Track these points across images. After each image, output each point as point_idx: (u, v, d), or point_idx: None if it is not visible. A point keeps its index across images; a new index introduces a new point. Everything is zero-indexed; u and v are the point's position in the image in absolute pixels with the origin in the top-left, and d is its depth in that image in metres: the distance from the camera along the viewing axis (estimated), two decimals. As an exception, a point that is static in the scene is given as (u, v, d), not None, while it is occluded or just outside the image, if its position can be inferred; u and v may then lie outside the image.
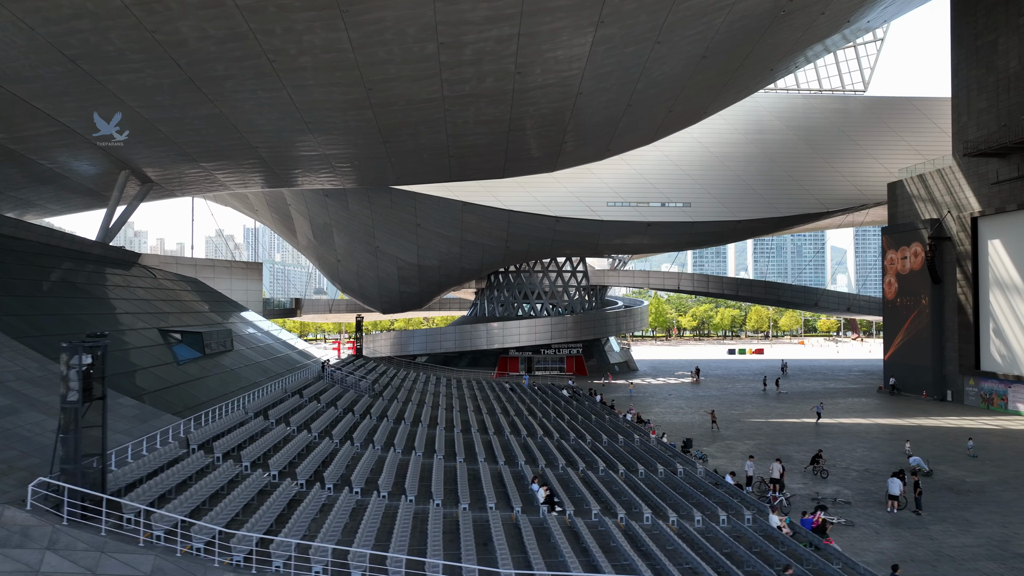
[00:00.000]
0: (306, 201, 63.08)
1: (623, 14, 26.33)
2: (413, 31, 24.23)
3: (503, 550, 16.54)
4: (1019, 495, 25.42)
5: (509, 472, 24.92)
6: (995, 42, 45.94)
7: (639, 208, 59.85)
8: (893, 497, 23.53)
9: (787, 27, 34.91)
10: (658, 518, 20.95)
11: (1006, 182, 44.62)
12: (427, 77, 28.53)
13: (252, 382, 33.15)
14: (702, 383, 63.33)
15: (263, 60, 25.31)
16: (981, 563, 18.66)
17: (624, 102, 37.14)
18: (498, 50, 26.80)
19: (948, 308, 49.86)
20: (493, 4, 23.12)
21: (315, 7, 21.93)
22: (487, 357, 71.22)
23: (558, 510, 21.14)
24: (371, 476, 22.21)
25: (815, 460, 29.28)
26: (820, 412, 42.06)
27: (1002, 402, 45.20)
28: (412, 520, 18.40)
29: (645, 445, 31.91)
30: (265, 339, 45.73)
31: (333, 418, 29.87)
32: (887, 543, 20.32)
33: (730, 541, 18.65)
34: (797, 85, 65.16)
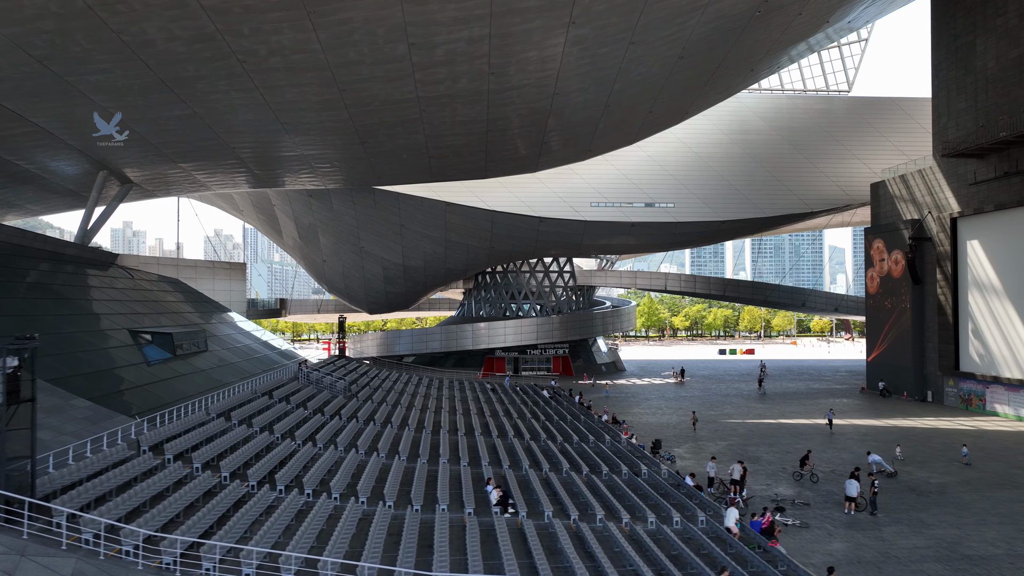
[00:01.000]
0: (290, 201, 63.10)
1: (594, 15, 26.31)
2: (382, 32, 24.21)
3: (443, 552, 16.56)
4: (980, 496, 25.42)
5: (470, 473, 24.94)
6: (973, 43, 45.92)
7: (623, 208, 59.85)
8: (851, 499, 23.54)
9: (765, 28, 34.90)
10: (611, 520, 20.99)
11: (984, 183, 44.61)
12: (400, 78, 28.50)
13: (222, 383, 33.14)
14: (686, 384, 63.32)
15: (233, 61, 25.29)
16: (927, 564, 18.67)
17: (602, 103, 37.14)
18: (470, 51, 26.79)
19: (929, 309, 49.87)
20: (462, 5, 23.12)
21: (281, 8, 21.91)
22: (473, 357, 71.24)
23: (511, 512, 21.16)
24: (326, 478, 22.24)
25: (803, 462, 29.01)
26: (832, 419, 39.74)
27: (980, 403, 45.20)
28: (357, 522, 18.43)
29: (615, 447, 31.92)
30: (244, 339, 45.72)
31: (300, 419, 29.89)
32: (838, 544, 20.33)
33: (678, 543, 18.65)
34: (781, 85, 65.14)
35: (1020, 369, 41.97)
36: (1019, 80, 42.28)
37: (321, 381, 40.68)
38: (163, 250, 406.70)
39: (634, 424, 41.29)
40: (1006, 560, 18.94)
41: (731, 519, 20.18)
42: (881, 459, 28.86)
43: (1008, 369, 42.89)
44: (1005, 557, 19.18)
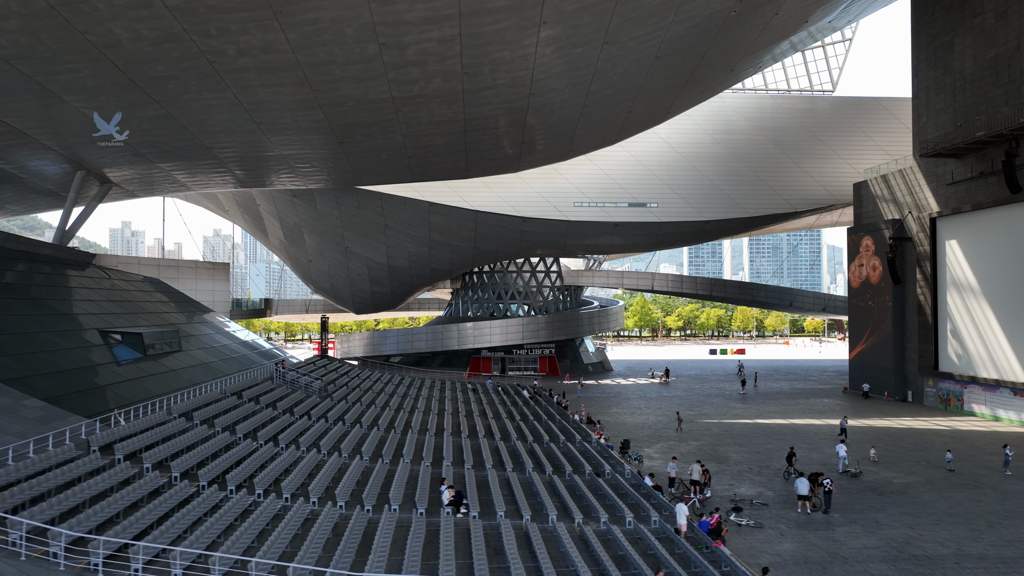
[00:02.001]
0: (275, 201, 63.10)
1: (565, 15, 26.29)
2: (352, 32, 24.21)
3: (382, 553, 16.55)
4: (940, 496, 25.42)
5: (430, 474, 24.93)
6: (952, 43, 45.89)
7: (606, 208, 59.84)
8: (803, 497, 23.57)
9: (742, 28, 34.88)
10: (564, 520, 20.98)
11: (961, 182, 44.60)
12: (373, 78, 28.49)
13: (193, 383, 33.13)
14: (671, 384, 63.30)
15: (203, 61, 25.31)
16: (873, 564, 18.66)
17: (580, 103, 37.12)
18: (442, 51, 26.77)
19: (909, 309, 49.85)
20: (430, 5, 23.11)
21: (247, 8, 21.89)
22: (460, 358, 71.26)
23: (463, 512, 21.16)
24: (280, 478, 22.25)
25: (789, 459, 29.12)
26: (845, 427, 36.55)
27: (958, 403, 45.18)
28: (303, 522, 18.43)
29: (584, 447, 31.90)
30: (223, 340, 45.72)
31: (266, 420, 29.87)
32: (788, 545, 20.32)
33: (624, 544, 18.63)
34: (765, 85, 65.10)
35: (996, 369, 41.95)
36: (995, 80, 42.25)
37: (297, 381, 40.67)
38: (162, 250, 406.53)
39: (611, 424, 41.33)
40: (952, 560, 18.93)
41: (681, 516, 20.22)
42: (846, 453, 28.97)
43: (985, 369, 42.87)
44: (952, 557, 19.18)
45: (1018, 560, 19.00)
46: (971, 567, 18.48)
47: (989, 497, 25.30)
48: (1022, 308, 40.21)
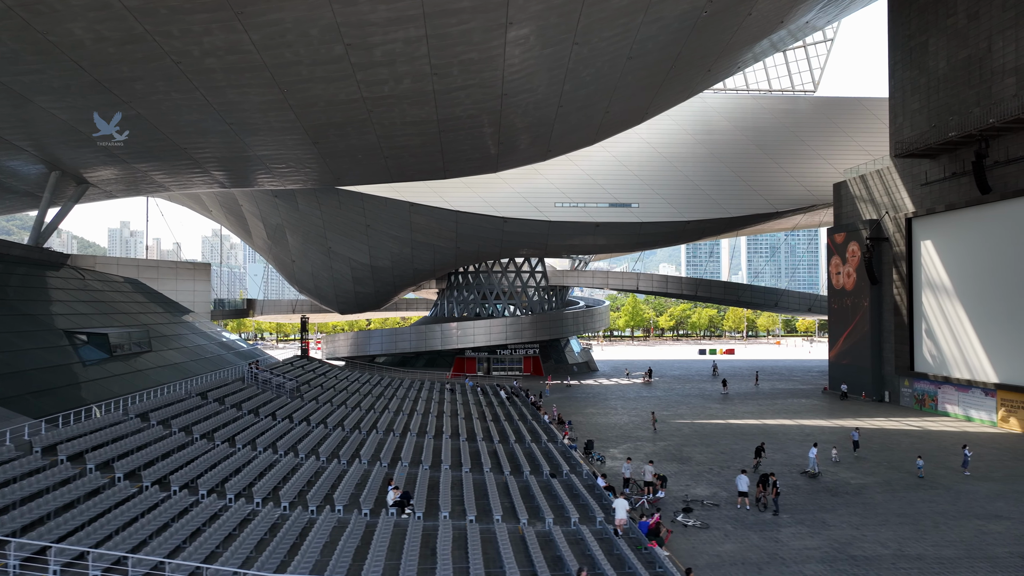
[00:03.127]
0: (257, 202, 63.17)
1: (531, 15, 26.33)
2: (316, 33, 24.25)
3: (311, 554, 16.59)
4: (893, 497, 25.43)
5: (383, 474, 24.97)
6: (926, 43, 45.90)
7: (587, 209, 59.88)
8: (743, 494, 23.69)
9: (715, 28, 34.89)
10: (509, 521, 21.03)
11: (935, 183, 44.61)
12: (342, 78, 28.54)
13: (159, 383, 33.17)
14: (653, 384, 63.32)
15: (168, 62, 25.36)
16: (809, 565, 18.68)
17: (555, 103, 37.16)
18: (409, 51, 26.81)
19: (886, 309, 49.87)
20: (393, 6, 23.15)
21: (207, 9, 21.93)
22: (444, 358, 71.34)
23: (407, 512, 21.20)
24: (229, 478, 22.27)
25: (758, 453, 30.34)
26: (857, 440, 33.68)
27: (932, 403, 45.20)
28: (239, 523, 18.46)
29: (548, 448, 31.93)
30: (198, 340, 45.76)
31: (227, 421, 29.92)
32: (729, 546, 20.34)
33: (561, 545, 18.66)
34: (746, 85, 65.12)
35: (969, 369, 41.96)
36: (967, 80, 42.26)
37: (269, 382, 40.71)
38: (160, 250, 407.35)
39: (584, 424, 41.38)
40: (889, 561, 18.95)
41: (621, 511, 20.32)
42: (815, 456, 29.07)
43: (958, 369, 42.89)
44: (890, 558, 19.19)
45: (955, 560, 19.02)
46: (907, 567, 18.50)
47: (943, 498, 25.32)
48: (993, 309, 40.22)
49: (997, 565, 18.65)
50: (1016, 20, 38.48)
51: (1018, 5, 38.32)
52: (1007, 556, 19.30)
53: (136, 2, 20.79)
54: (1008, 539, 20.71)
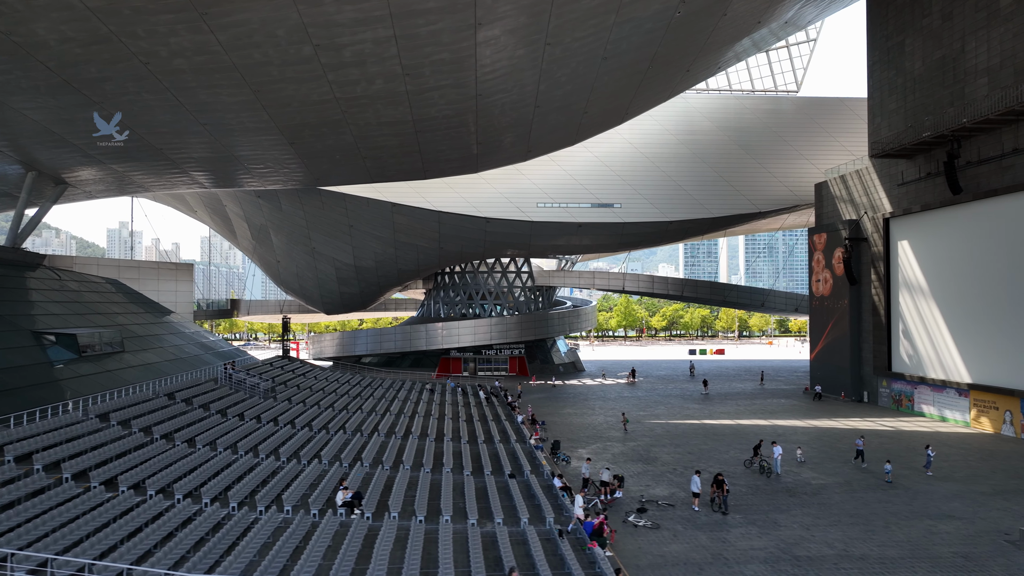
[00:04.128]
0: (240, 202, 63.22)
1: (499, 16, 26.33)
2: (283, 33, 24.27)
3: (247, 553, 16.62)
4: (851, 497, 25.45)
5: (339, 475, 24.99)
6: (903, 43, 45.91)
7: (569, 209, 59.90)
8: (696, 495, 23.76)
9: (690, 29, 34.88)
10: (458, 521, 21.07)
11: (911, 183, 44.62)
12: (313, 79, 28.57)
13: (128, 383, 33.23)
14: (637, 384, 63.33)
15: (136, 63, 25.40)
16: (751, 566, 18.70)
17: (531, 104, 37.16)
18: (379, 52, 26.83)
19: (865, 309, 49.87)
20: (359, 6, 23.16)
21: (171, 9, 21.94)
22: (430, 358, 71.39)
23: (357, 512, 21.24)
24: (180, 478, 22.29)
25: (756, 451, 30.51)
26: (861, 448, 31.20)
27: (909, 403, 45.21)
28: (181, 523, 18.49)
29: (515, 448, 31.95)
30: (176, 340, 45.81)
31: (192, 421, 29.95)
32: (675, 546, 20.36)
33: (504, 544, 18.70)
34: (729, 85, 65.13)
35: (943, 370, 41.97)
36: (941, 81, 42.27)
37: (243, 382, 40.75)
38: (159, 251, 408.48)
39: (560, 424, 41.42)
40: (832, 561, 18.97)
41: (578, 509, 20.57)
42: (780, 455, 29.17)
43: (933, 370, 42.90)
44: (834, 558, 19.21)
45: (898, 560, 19.04)
46: (848, 568, 18.52)
47: (899, 498, 25.33)
48: (966, 310, 40.22)
49: (938, 565, 18.67)
50: (988, 21, 38.49)
51: (990, 6, 38.34)
52: (950, 556, 19.32)
53: (99, 3, 20.82)
54: (955, 539, 20.74)
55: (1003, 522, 22.22)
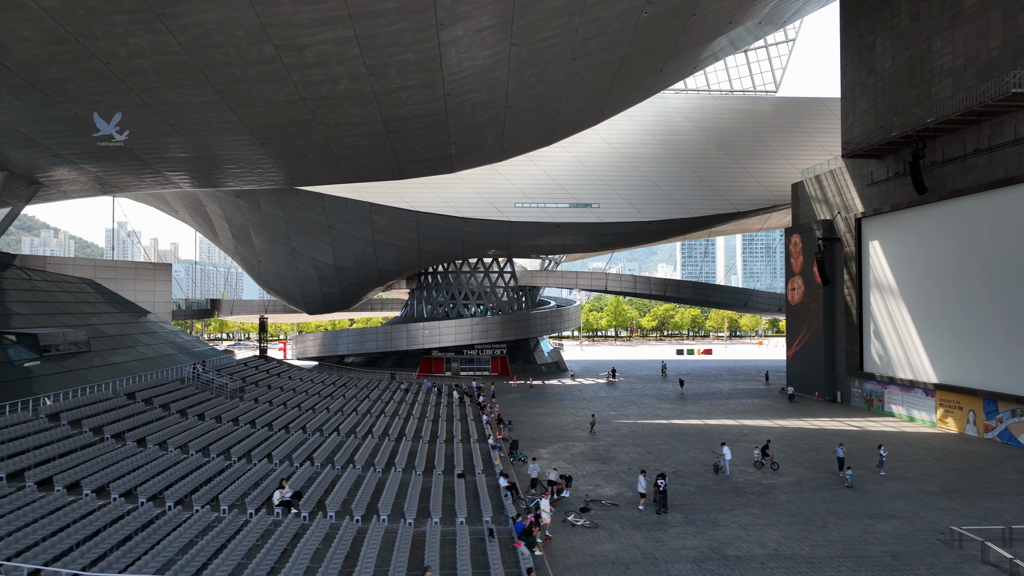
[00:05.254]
0: (220, 202, 63.31)
1: (461, 16, 26.38)
2: (243, 34, 24.28)
3: (167, 552, 16.69)
4: (797, 497, 25.48)
5: (287, 474, 25.05)
6: (874, 44, 45.94)
7: (547, 209, 59.96)
8: (642, 495, 23.83)
9: (659, 29, 34.92)
10: (395, 520, 21.14)
11: (880, 183, 44.65)
12: (277, 79, 28.59)
13: (90, 383, 33.25)
14: (617, 384, 63.36)
15: (95, 63, 25.44)
16: (678, 565, 18.75)
17: (501, 104, 37.17)
18: (341, 52, 26.87)
19: (838, 309, 49.90)
20: (317, 7, 23.19)
21: (127, 9, 21.96)
22: (411, 358, 71.44)
23: (293, 512, 21.30)
24: (120, 477, 22.33)
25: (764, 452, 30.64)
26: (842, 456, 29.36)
27: (880, 403, 45.24)
28: (110, 522, 18.55)
29: (473, 447, 32.00)
30: (147, 340, 45.83)
31: (148, 420, 29.99)
32: (608, 545, 20.41)
33: (433, 544, 18.74)
34: (708, 86, 65.18)
35: (911, 370, 41.99)
36: (909, 81, 42.29)
37: (211, 382, 40.79)
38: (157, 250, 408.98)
39: (529, 424, 41.50)
40: (759, 561, 19.01)
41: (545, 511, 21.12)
42: (728, 454, 29.28)
43: (902, 370, 42.92)
44: (763, 557, 19.26)
45: (826, 560, 19.08)
46: (774, 567, 18.57)
47: (845, 498, 25.36)
48: (933, 310, 40.25)
49: (864, 564, 18.71)
50: (952, 21, 38.53)
51: (955, 6, 38.36)
52: (879, 555, 19.37)
53: (52, 3, 20.85)
54: (889, 539, 20.78)
55: (942, 521, 22.25)
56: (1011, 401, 34.52)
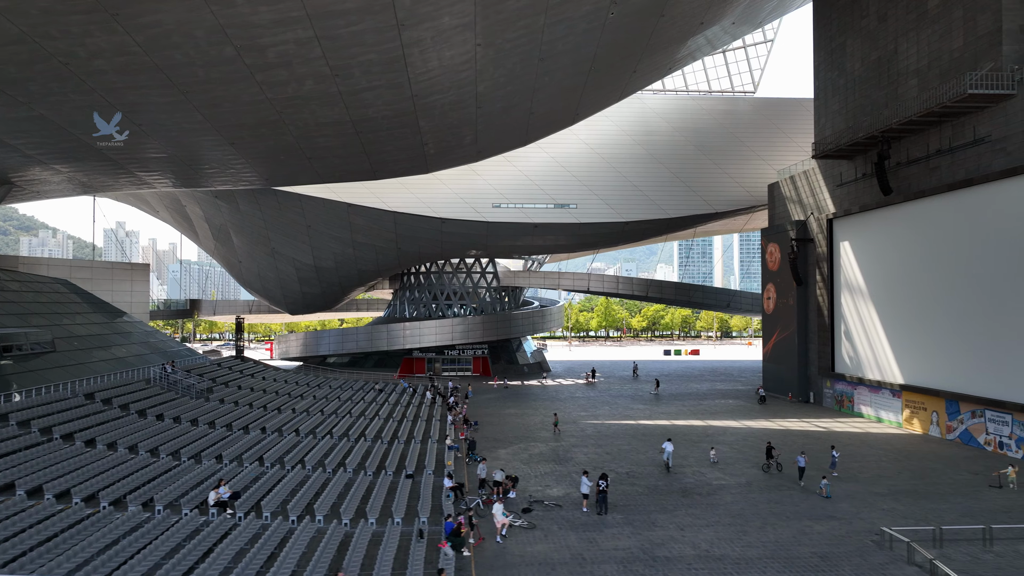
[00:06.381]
0: (199, 202, 63.33)
1: (421, 17, 26.38)
2: (202, 34, 24.27)
3: (84, 553, 16.71)
4: (743, 498, 25.46)
5: (237, 474, 25.06)
6: (844, 44, 45.93)
7: (525, 209, 59.96)
8: (585, 496, 23.82)
9: (627, 30, 34.92)
10: (331, 521, 21.15)
11: (850, 184, 44.65)
12: (241, 80, 28.57)
13: (50, 383, 33.27)
14: (596, 384, 63.33)
15: (55, 63, 25.46)
16: (606, 566, 18.75)
17: (471, 104, 37.17)
18: (303, 53, 26.86)
19: (811, 310, 49.88)
20: (275, 7, 23.17)
21: (81, 10, 21.96)
22: (393, 358, 71.43)
23: (229, 512, 21.32)
24: (58, 476, 22.34)
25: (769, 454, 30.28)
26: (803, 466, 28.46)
27: (850, 404, 45.22)
28: (36, 523, 18.57)
29: (430, 448, 31.99)
30: (117, 340, 45.87)
31: (102, 421, 30.01)
32: (540, 546, 20.40)
33: (360, 544, 18.76)
34: (686, 86, 65.15)
35: (879, 371, 41.98)
36: (878, 82, 42.28)
37: (178, 383, 40.81)
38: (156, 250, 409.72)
39: (497, 424, 41.53)
40: (687, 561, 19.01)
41: (499, 514, 21.17)
42: (671, 450, 29.34)
43: (871, 370, 42.90)
44: (691, 559, 19.25)
45: (754, 561, 19.08)
46: (699, 568, 18.57)
47: (792, 499, 25.35)
48: (900, 310, 40.23)
49: (791, 565, 18.71)
50: (918, 22, 38.51)
51: (919, 7, 38.35)
52: (808, 556, 19.37)
53: (4, 2, 20.87)
54: (824, 540, 20.77)
55: (881, 522, 22.23)
56: (972, 402, 34.50)
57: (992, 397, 32.99)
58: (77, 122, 31.88)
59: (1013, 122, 31.92)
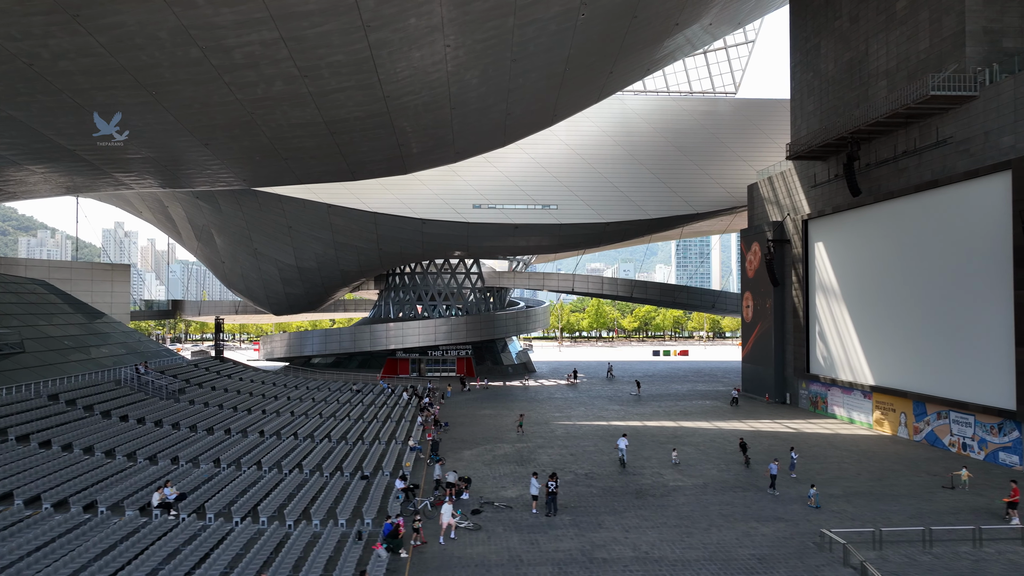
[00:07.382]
0: (180, 202, 63.38)
1: (387, 18, 26.31)
2: (166, 35, 24.18)
3: (20, 551, 16.71)
4: (696, 499, 25.44)
5: (193, 475, 25.07)
6: (819, 45, 45.93)
7: (505, 210, 59.97)
8: (534, 497, 23.80)
9: (600, 31, 34.87)
10: (275, 522, 21.15)
11: (823, 184, 44.64)
12: (209, 80, 28.50)
13: (15, 383, 33.31)
14: (578, 385, 63.31)
15: (19, 64, 25.42)
16: (542, 567, 18.75)
17: (446, 105, 37.11)
18: (270, 54, 26.77)
19: (788, 311, 49.88)
20: (237, 8, 23.08)
21: (40, 11, 21.90)
22: (377, 359, 71.41)
23: (173, 514, 21.33)
24: (6, 477, 22.37)
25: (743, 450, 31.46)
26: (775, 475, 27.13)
27: (824, 405, 45.20)
28: (-29, 524, 18.60)
29: (393, 449, 32.01)
30: (92, 341, 45.90)
31: (63, 422, 30.02)
32: (481, 548, 20.40)
33: (296, 545, 18.77)
34: (667, 87, 65.17)
35: (851, 372, 41.96)
36: (849, 83, 42.28)
37: (149, 384, 40.83)
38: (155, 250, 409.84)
39: (469, 424, 41.55)
40: (624, 563, 19.01)
41: (446, 515, 21.18)
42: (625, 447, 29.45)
43: (843, 372, 42.88)
44: (629, 560, 19.25)
45: (692, 563, 19.07)
46: (636, 570, 18.57)
47: (745, 500, 25.32)
48: (871, 312, 40.21)
49: (727, 567, 18.71)
50: (887, 24, 38.51)
51: (888, 8, 38.35)
52: (746, 558, 19.36)
53: None
54: (767, 541, 20.76)
55: (829, 524, 22.20)
56: (937, 403, 34.49)
57: (955, 398, 32.99)
58: (48, 123, 31.84)
59: (975, 124, 31.92)
